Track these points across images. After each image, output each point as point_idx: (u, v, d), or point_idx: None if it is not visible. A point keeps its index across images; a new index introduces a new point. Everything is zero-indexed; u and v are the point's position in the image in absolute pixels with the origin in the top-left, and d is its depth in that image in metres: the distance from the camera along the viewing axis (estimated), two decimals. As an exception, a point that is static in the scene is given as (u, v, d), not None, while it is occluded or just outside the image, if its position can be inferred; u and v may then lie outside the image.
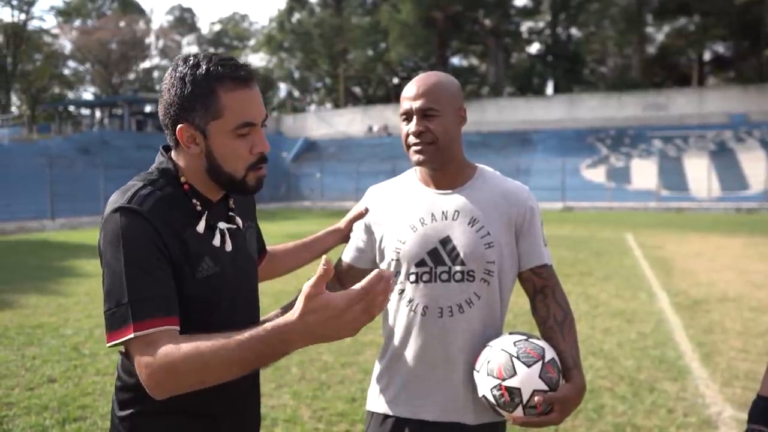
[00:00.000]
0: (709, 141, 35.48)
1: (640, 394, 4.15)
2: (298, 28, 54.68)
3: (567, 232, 17.35)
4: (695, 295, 7.58)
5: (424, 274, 1.63)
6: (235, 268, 1.35)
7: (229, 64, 1.26)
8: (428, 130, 1.60)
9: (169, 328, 1.15)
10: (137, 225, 1.18)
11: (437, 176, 1.69)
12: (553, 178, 32.54)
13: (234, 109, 1.25)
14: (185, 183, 1.30)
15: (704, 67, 47.76)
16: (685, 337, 5.63)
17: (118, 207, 1.20)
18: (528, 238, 1.67)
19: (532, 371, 1.45)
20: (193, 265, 1.24)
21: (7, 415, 3.92)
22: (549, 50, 49.85)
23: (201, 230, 1.29)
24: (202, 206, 1.31)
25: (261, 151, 1.30)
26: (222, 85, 1.23)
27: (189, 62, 1.25)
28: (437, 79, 1.65)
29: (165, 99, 1.27)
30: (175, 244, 1.22)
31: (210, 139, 1.26)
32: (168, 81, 1.26)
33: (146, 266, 1.16)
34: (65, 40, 57.05)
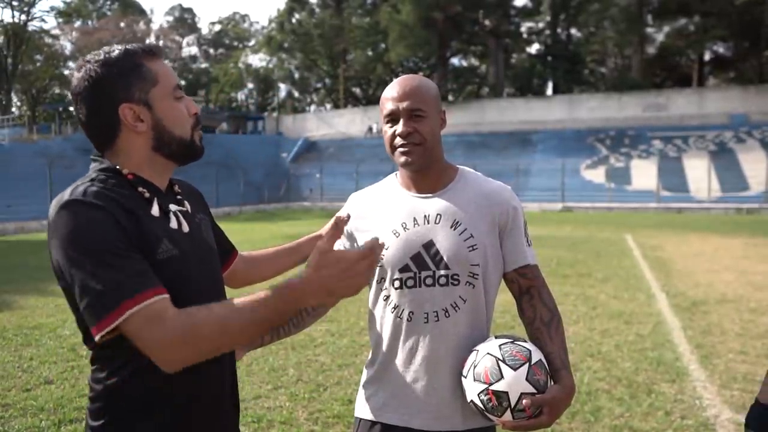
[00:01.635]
0: (709, 141, 35.46)
1: (637, 396, 4.14)
2: (298, 28, 54.69)
3: (566, 232, 17.34)
4: (694, 297, 7.56)
5: (408, 279, 1.61)
6: (194, 249, 1.32)
7: (139, 44, 1.31)
8: (416, 131, 1.59)
9: (165, 296, 1.12)
10: (92, 214, 1.14)
11: (419, 179, 1.67)
12: (552, 179, 32.54)
13: (164, 74, 1.30)
14: (128, 173, 1.28)
15: (704, 67, 47.73)
16: (683, 338, 5.62)
17: (65, 202, 1.15)
18: (512, 239, 1.66)
19: (518, 374, 1.44)
20: (152, 247, 1.21)
21: (3, 417, 3.91)
22: (549, 51, 49.85)
23: (156, 213, 1.26)
24: (150, 192, 1.29)
25: (196, 112, 1.35)
26: (144, 57, 1.28)
27: (100, 56, 1.26)
28: (420, 81, 1.65)
29: (88, 95, 1.25)
30: (132, 228, 1.18)
31: (155, 108, 1.28)
32: (84, 78, 1.25)
33: (115, 250, 1.12)
34: (66, 41, 57.12)
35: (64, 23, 56.63)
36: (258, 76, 60.99)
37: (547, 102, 43.63)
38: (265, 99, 63.19)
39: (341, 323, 6.27)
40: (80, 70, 1.27)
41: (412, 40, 45.85)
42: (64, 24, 56.65)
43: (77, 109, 1.28)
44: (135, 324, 1.08)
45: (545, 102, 43.71)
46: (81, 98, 1.26)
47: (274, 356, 5.13)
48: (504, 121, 42.66)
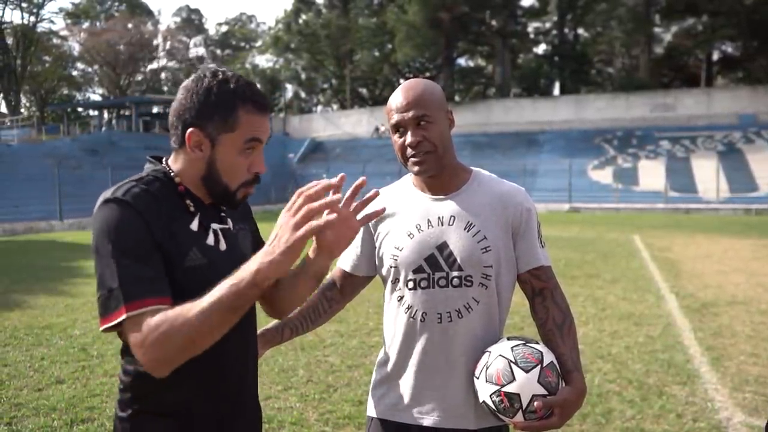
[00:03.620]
0: (717, 142, 35.26)
1: (648, 398, 4.13)
2: (305, 29, 54.76)
3: (574, 233, 17.28)
4: (704, 298, 7.52)
5: (422, 280, 1.63)
6: (230, 264, 1.29)
7: (254, 90, 1.33)
8: (425, 139, 1.59)
9: (160, 307, 1.16)
10: (125, 214, 1.21)
11: (433, 182, 1.68)
12: (559, 179, 32.46)
13: (247, 127, 1.31)
14: (180, 184, 1.34)
15: (712, 67, 47.44)
16: (693, 340, 5.59)
17: (107, 199, 1.24)
18: (525, 240, 1.66)
19: (530, 376, 1.45)
20: (181, 254, 1.27)
21: (16, 416, 3.94)
22: (556, 51, 49.70)
23: (195, 228, 1.33)
24: (195, 207, 1.35)
25: (257, 171, 1.36)
26: (244, 105, 1.30)
27: (218, 77, 1.31)
28: (423, 86, 1.64)
29: (182, 102, 1.31)
30: (163, 234, 1.24)
31: (217, 149, 1.31)
32: (190, 86, 1.31)
33: (135, 252, 1.19)
34: (74, 42, 57.43)
35: (72, 24, 56.93)
36: (265, 76, 61.09)
37: (554, 102, 43.50)
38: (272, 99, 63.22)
39: (350, 324, 6.28)
40: (201, 74, 1.32)
41: (419, 41, 45.81)
42: (72, 25, 56.95)
43: (177, 96, 1.33)
44: (128, 328, 1.16)
45: (552, 102, 43.58)
46: (180, 92, 1.32)
47: (283, 357, 5.14)
48: (510, 121, 42.56)
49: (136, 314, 1.15)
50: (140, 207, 1.23)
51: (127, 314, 1.15)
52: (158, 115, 50.10)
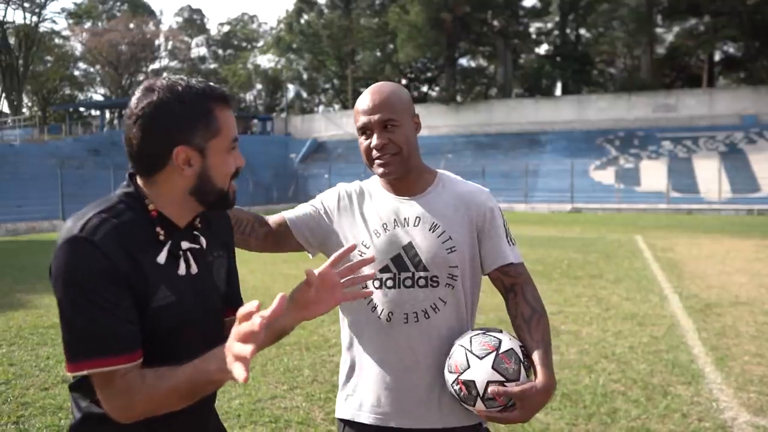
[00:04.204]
0: (719, 142, 35.24)
1: (653, 398, 4.13)
2: (307, 29, 54.75)
3: (576, 233, 17.29)
4: (707, 299, 7.53)
5: (388, 279, 1.64)
6: (196, 297, 1.31)
7: (215, 86, 1.29)
8: (391, 142, 1.61)
9: (123, 367, 1.15)
10: (89, 256, 1.14)
11: (398, 184, 1.70)
12: (561, 180, 32.45)
13: (227, 126, 1.28)
14: (153, 210, 1.27)
15: (714, 67, 47.38)
16: (697, 340, 5.60)
17: (70, 237, 1.16)
18: (490, 240, 1.68)
19: (485, 362, 1.48)
20: (148, 294, 1.22)
21: (23, 415, 3.96)
22: (558, 51, 49.64)
23: (162, 261, 1.26)
24: (166, 235, 1.28)
25: (240, 165, 1.34)
26: (216, 105, 1.27)
27: (177, 88, 1.23)
28: (390, 89, 1.65)
29: (150, 125, 1.21)
30: (131, 271, 1.18)
31: (208, 158, 1.26)
32: (154, 106, 1.21)
33: (98, 299, 1.14)
34: (76, 42, 57.58)
35: (74, 24, 57.02)
36: (266, 76, 61.12)
37: (556, 102, 43.48)
38: (274, 100, 63.32)
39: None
40: (150, 92, 1.22)
41: (421, 41, 45.78)
42: (74, 25, 57.02)
43: (131, 128, 1.23)
44: (95, 378, 1.17)
45: (554, 102, 43.56)
46: (140, 121, 1.22)
47: (289, 357, 5.15)
48: (512, 121, 42.55)
49: (102, 371, 1.14)
50: (104, 246, 1.15)
51: (90, 371, 1.14)
52: (160, 115, 50.11)
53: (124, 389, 1.15)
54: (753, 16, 39.59)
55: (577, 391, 4.25)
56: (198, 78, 1.31)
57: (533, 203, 31.19)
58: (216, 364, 1.09)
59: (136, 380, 1.16)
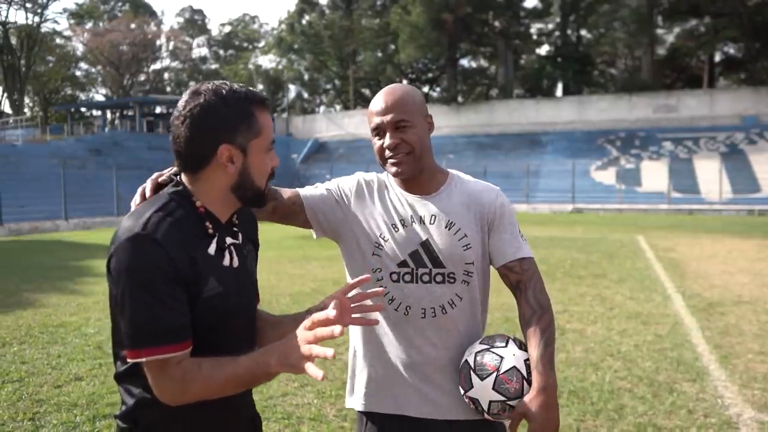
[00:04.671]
0: (720, 143, 35.32)
1: (659, 395, 4.19)
2: (308, 29, 54.75)
3: (578, 234, 17.34)
4: (710, 298, 7.59)
5: (405, 274, 1.69)
6: (238, 287, 1.41)
7: (256, 91, 1.40)
8: (403, 141, 1.65)
9: (176, 355, 1.25)
10: (151, 253, 1.24)
11: (412, 183, 1.74)
12: (562, 180, 32.51)
13: (267, 128, 1.39)
14: (200, 206, 1.37)
15: (715, 68, 47.44)
16: (701, 339, 5.66)
17: (132, 235, 1.24)
18: (498, 236, 1.72)
19: (485, 384, 1.54)
20: (200, 285, 1.31)
21: (39, 412, 4.01)
22: (559, 52, 49.70)
23: (212, 252, 1.36)
24: (213, 228, 1.38)
25: (275, 165, 1.45)
26: (257, 108, 1.37)
27: (222, 91, 1.33)
28: (403, 91, 1.69)
29: (196, 124, 1.31)
30: (186, 267, 1.28)
31: (249, 157, 1.37)
32: (201, 108, 1.31)
33: (157, 293, 1.23)
34: (77, 42, 57.60)
35: (75, 24, 57.07)
36: (268, 77, 61.13)
37: (557, 103, 43.55)
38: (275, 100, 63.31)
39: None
40: (197, 95, 1.32)
41: (422, 42, 45.83)
42: (76, 25, 57.09)
43: (178, 128, 1.33)
44: (149, 366, 1.26)
45: (555, 103, 43.63)
46: (188, 121, 1.31)
47: (297, 354, 5.21)
48: (513, 122, 42.62)
49: (158, 358, 1.24)
50: (166, 244, 1.25)
51: (147, 358, 1.24)
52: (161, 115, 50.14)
53: (178, 376, 1.25)
54: (753, 17, 39.65)
55: (584, 388, 4.31)
56: (238, 84, 1.39)
57: (534, 203, 31.25)
58: (276, 358, 1.21)
59: (192, 368, 1.26)
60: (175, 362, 1.26)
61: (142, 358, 1.25)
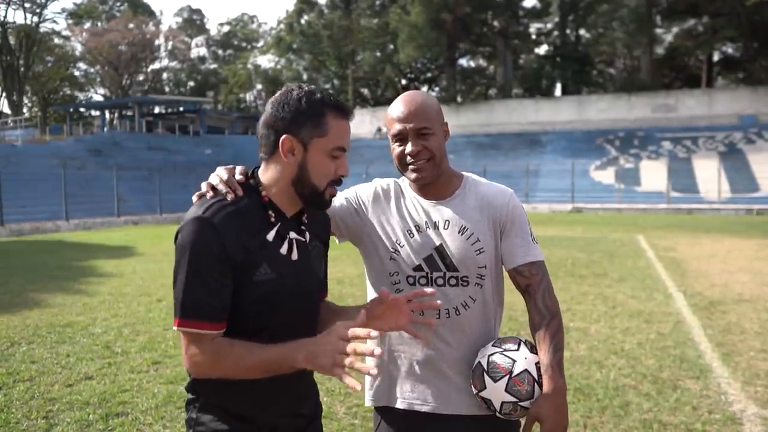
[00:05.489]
0: (718, 142, 35.41)
1: (664, 392, 4.26)
2: (307, 29, 54.79)
3: (578, 233, 17.41)
4: (711, 297, 7.65)
5: (421, 278, 1.75)
6: (295, 278, 1.49)
7: (338, 99, 1.49)
8: (425, 149, 1.70)
9: (210, 332, 1.37)
10: (205, 235, 1.35)
11: (428, 188, 1.79)
12: (562, 180, 32.56)
13: (336, 133, 1.47)
14: (265, 195, 1.48)
15: (713, 68, 47.57)
16: (704, 337, 5.72)
17: (194, 217, 1.38)
18: (509, 239, 1.76)
19: (498, 386, 1.60)
20: (251, 269, 1.41)
21: (51, 410, 4.06)
22: (557, 51, 49.80)
23: (270, 238, 1.46)
24: (276, 218, 1.48)
25: (342, 174, 1.51)
26: (331, 112, 1.46)
27: (305, 89, 1.46)
28: (423, 98, 1.74)
29: (272, 113, 1.45)
30: (239, 252, 1.38)
31: (309, 152, 1.46)
32: (279, 99, 1.46)
33: (204, 274, 1.36)
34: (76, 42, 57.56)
35: (74, 24, 57.01)
36: (267, 77, 61.16)
37: (556, 103, 43.62)
38: (273, 100, 63.30)
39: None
40: (286, 90, 1.47)
41: (421, 41, 45.86)
42: (75, 25, 57.02)
43: (267, 109, 1.48)
44: (187, 337, 1.38)
45: (554, 103, 43.69)
46: (268, 108, 1.47)
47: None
48: (513, 122, 42.68)
49: (192, 332, 1.36)
50: (220, 227, 1.36)
51: (179, 328, 1.37)
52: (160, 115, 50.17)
53: (211, 351, 1.37)
54: (752, 16, 39.76)
55: (589, 385, 4.37)
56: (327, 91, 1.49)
57: (534, 203, 31.30)
58: (304, 356, 1.30)
59: (225, 346, 1.37)
60: (209, 338, 1.38)
61: (180, 328, 1.38)
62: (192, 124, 46.33)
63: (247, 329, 1.41)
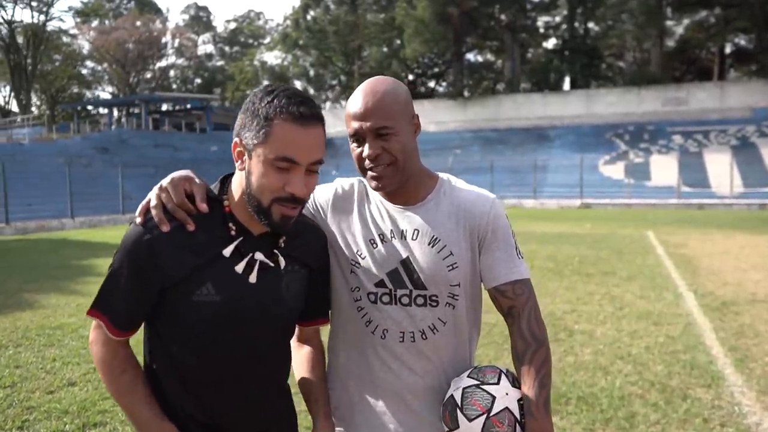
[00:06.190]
0: (730, 136, 34.88)
1: (672, 401, 4.01)
2: (313, 25, 54.68)
3: (586, 229, 17.12)
4: (723, 296, 7.37)
5: (383, 295, 1.50)
6: (251, 302, 1.34)
7: (296, 100, 1.27)
8: (385, 151, 1.43)
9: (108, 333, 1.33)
10: (138, 247, 1.29)
11: (396, 192, 1.53)
12: (570, 175, 32.24)
13: (280, 140, 1.25)
14: (227, 206, 1.35)
15: (725, 60, 46.90)
16: (715, 340, 5.46)
17: (138, 224, 1.32)
18: (490, 254, 1.50)
19: (473, 426, 1.36)
20: (190, 289, 1.30)
21: (28, 420, 3.89)
22: (566, 45, 49.27)
23: (227, 254, 1.32)
24: (237, 231, 1.34)
25: (292, 192, 1.28)
26: (280, 116, 1.25)
27: (267, 89, 1.30)
28: (385, 89, 1.45)
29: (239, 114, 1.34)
30: (178, 269, 1.28)
31: (252, 160, 1.28)
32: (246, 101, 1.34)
33: (122, 284, 1.30)
34: (83, 41, 57.72)
35: (81, 23, 57.18)
36: (273, 73, 61.12)
37: (565, 97, 43.20)
38: (280, 96, 63.40)
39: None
40: (258, 90, 1.32)
41: (428, 36, 45.61)
42: (82, 23, 57.19)
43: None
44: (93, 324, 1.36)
45: (562, 97, 43.28)
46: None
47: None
48: (521, 116, 42.32)
49: (96, 321, 1.34)
50: (158, 242, 1.27)
51: (91, 317, 1.34)
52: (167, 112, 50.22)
53: (105, 354, 1.35)
54: (765, 7, 39.08)
55: (593, 394, 4.13)
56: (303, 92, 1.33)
57: (542, 199, 31.00)
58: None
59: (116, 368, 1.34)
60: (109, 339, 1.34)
61: (88, 315, 1.35)
62: (199, 122, 46.35)
63: (186, 351, 1.32)
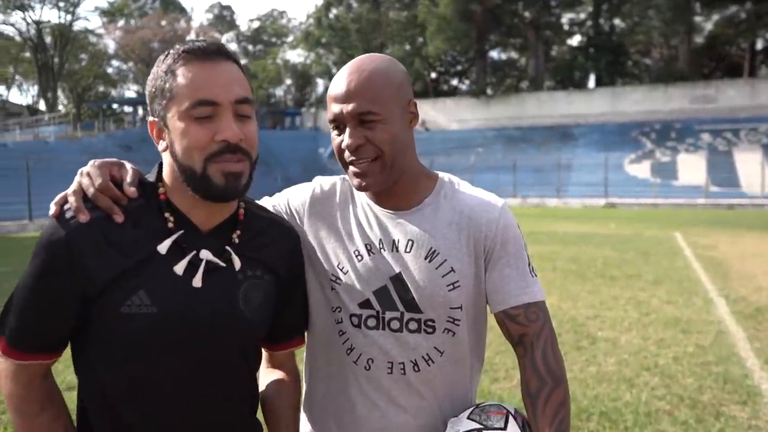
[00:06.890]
0: (761, 134, 33.95)
1: (704, 419, 3.70)
2: (336, 23, 54.76)
3: (611, 230, 16.66)
4: (757, 302, 6.98)
5: (369, 318, 1.25)
6: (194, 315, 1.08)
7: (191, 42, 1.06)
8: (368, 142, 1.19)
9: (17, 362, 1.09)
10: (49, 237, 1.05)
11: (384, 195, 1.28)
12: (595, 174, 31.71)
13: (188, 85, 1.03)
14: (163, 193, 1.11)
15: (756, 56, 45.68)
16: (750, 351, 5.11)
17: (55, 218, 1.07)
18: (499, 270, 1.26)
19: None
20: (121, 296, 1.05)
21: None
22: (591, 42, 48.50)
23: (163, 251, 1.07)
24: (176, 224, 1.10)
25: (224, 138, 1.03)
26: (178, 62, 1.04)
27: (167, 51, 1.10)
28: (373, 67, 1.20)
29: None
30: (102, 273, 1.04)
31: (169, 129, 1.06)
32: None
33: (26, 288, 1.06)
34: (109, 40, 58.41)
35: (107, 23, 57.94)
36: (296, 71, 61.33)
37: (589, 95, 42.53)
38: (303, 95, 63.48)
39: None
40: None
41: (450, 34, 45.33)
42: (108, 23, 57.94)
43: None
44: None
45: (587, 95, 42.62)
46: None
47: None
48: (544, 114, 41.75)
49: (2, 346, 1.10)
50: (77, 242, 1.03)
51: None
52: (191, 111, 50.57)
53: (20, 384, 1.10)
54: (798, 2, 37.96)
55: (617, 409, 3.84)
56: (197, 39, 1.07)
57: (566, 198, 30.48)
58: None
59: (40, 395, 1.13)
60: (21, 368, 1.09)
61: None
62: (221, 120, 46.61)
63: (116, 377, 1.07)
